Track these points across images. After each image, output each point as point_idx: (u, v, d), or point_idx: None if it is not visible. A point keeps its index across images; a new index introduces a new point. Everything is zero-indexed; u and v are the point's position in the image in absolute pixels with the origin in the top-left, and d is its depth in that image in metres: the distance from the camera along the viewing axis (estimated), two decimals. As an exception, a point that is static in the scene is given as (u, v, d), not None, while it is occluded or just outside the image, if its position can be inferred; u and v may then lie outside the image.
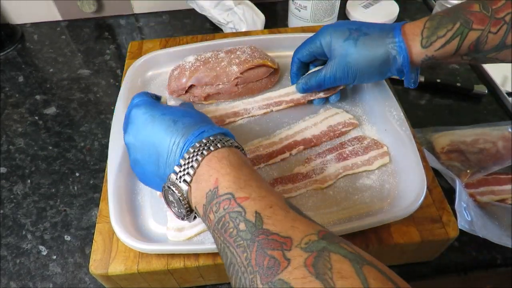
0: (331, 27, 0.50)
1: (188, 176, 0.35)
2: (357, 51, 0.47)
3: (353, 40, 0.47)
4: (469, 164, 0.58)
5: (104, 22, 0.90)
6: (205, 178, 0.34)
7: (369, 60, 0.47)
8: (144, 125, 0.38)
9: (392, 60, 0.46)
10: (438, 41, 0.44)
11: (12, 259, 0.53)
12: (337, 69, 0.49)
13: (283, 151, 0.51)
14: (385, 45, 0.46)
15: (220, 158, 0.35)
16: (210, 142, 0.35)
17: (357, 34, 0.47)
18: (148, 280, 0.45)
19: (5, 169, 0.63)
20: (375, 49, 0.46)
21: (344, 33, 0.48)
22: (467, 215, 0.51)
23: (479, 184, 0.57)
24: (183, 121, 0.38)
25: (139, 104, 0.40)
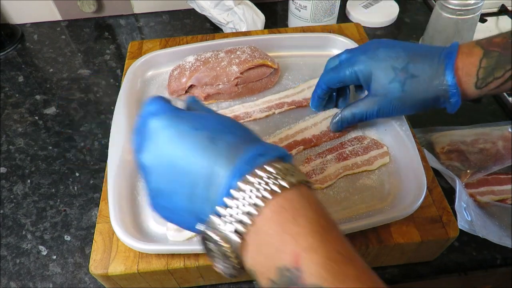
0: (371, 59, 0.45)
1: (241, 225, 0.25)
2: (404, 95, 0.43)
3: (399, 83, 0.43)
4: (469, 164, 0.58)
5: (104, 22, 0.90)
6: (275, 242, 0.24)
7: (416, 102, 0.44)
8: (169, 144, 0.28)
9: (442, 101, 0.43)
10: (494, 82, 0.41)
11: (12, 259, 0.53)
12: (380, 109, 0.45)
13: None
14: (436, 89, 0.42)
15: (295, 210, 0.25)
16: (273, 176, 0.26)
17: (404, 77, 0.43)
18: (148, 280, 0.45)
19: (5, 169, 0.63)
20: (424, 94, 0.43)
21: (388, 72, 0.43)
22: (467, 215, 0.51)
23: (479, 184, 0.57)
24: (225, 139, 0.28)
25: (158, 113, 0.30)
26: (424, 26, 0.79)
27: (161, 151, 0.29)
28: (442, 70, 0.42)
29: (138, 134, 0.31)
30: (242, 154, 0.27)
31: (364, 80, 0.46)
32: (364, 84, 0.46)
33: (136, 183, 0.49)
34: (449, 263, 0.51)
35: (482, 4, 0.69)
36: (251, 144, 0.28)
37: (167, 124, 0.29)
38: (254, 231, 0.25)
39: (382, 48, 0.45)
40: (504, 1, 0.89)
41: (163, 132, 0.29)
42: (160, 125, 0.29)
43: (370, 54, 0.45)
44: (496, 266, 0.52)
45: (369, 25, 0.85)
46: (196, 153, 0.27)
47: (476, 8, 0.69)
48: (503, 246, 0.50)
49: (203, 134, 0.28)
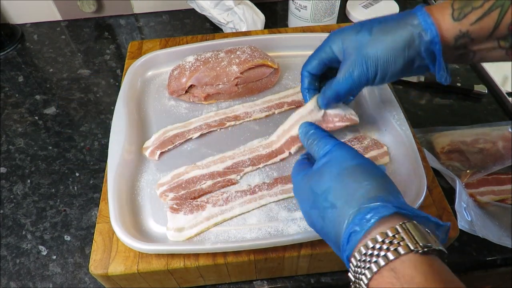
0: (340, 30, 0.43)
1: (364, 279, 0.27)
2: (373, 39, 0.39)
3: (367, 30, 0.40)
4: (469, 164, 0.58)
5: (104, 22, 0.90)
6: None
7: (389, 46, 0.39)
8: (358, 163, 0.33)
9: (418, 40, 0.38)
10: (473, 12, 0.36)
11: (12, 259, 0.53)
12: (354, 67, 0.41)
13: (282, 150, 0.51)
14: (406, 26, 0.38)
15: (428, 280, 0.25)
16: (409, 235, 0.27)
17: (371, 25, 0.40)
18: (148, 280, 0.45)
19: (5, 169, 0.63)
20: (394, 32, 0.38)
21: (356, 29, 0.41)
22: (467, 215, 0.51)
23: (479, 184, 0.57)
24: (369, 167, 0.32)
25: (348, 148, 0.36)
26: (424, 26, 0.79)
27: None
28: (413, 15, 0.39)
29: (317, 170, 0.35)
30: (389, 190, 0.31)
31: (338, 49, 0.43)
32: (340, 56, 0.43)
33: (136, 183, 0.49)
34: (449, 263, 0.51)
35: (482, 4, 0.69)
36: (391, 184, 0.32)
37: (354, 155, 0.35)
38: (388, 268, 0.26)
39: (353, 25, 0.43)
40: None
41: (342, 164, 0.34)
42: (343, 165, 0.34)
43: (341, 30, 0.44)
44: (496, 266, 0.52)
45: (369, 25, 0.85)
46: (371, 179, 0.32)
47: (476, 8, 0.69)
48: (503, 246, 0.50)
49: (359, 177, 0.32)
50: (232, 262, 0.43)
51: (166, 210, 0.46)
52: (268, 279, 0.49)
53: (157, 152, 0.51)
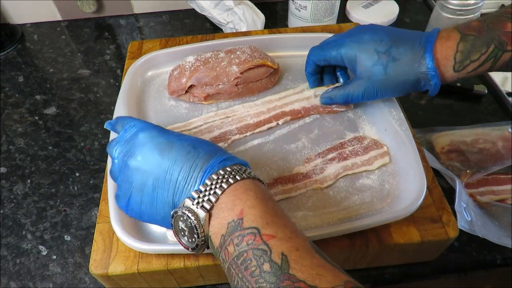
0: (356, 43, 0.47)
1: (208, 203, 0.32)
2: (387, 78, 0.46)
3: (382, 66, 0.45)
4: (469, 164, 0.58)
5: (104, 22, 0.90)
6: (229, 207, 0.32)
7: (399, 84, 0.46)
8: (160, 150, 0.35)
9: (422, 84, 0.46)
10: (471, 65, 0.43)
11: (12, 259, 0.53)
12: (365, 91, 0.48)
13: (270, 120, 0.54)
14: (416, 72, 0.45)
15: (246, 189, 0.33)
16: (236, 171, 0.34)
17: (386, 59, 0.45)
18: (148, 280, 0.45)
19: (5, 169, 0.63)
20: (405, 76, 0.45)
21: (372, 56, 0.46)
22: (467, 215, 0.51)
23: (479, 184, 0.57)
24: (203, 147, 0.36)
25: (148, 128, 0.37)
26: (424, 26, 0.79)
27: (151, 155, 0.36)
28: (422, 53, 0.44)
29: (123, 144, 0.37)
30: (214, 157, 0.35)
31: (349, 62, 0.48)
32: (349, 66, 0.49)
33: (136, 183, 0.49)
34: (449, 263, 0.51)
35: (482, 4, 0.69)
36: (221, 152, 0.36)
37: (157, 135, 0.37)
38: (216, 206, 0.33)
39: (367, 32, 0.47)
40: (504, 1, 0.89)
41: (154, 141, 0.36)
42: (150, 136, 0.37)
43: (356, 37, 0.48)
44: (496, 266, 0.52)
45: (369, 25, 0.85)
46: (182, 156, 0.35)
47: (476, 8, 0.69)
48: (503, 246, 0.50)
49: (188, 143, 0.36)
50: (232, 262, 0.43)
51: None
52: (268, 279, 0.49)
53: None
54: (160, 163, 0.35)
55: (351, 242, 0.44)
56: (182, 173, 0.34)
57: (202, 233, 0.33)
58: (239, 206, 0.32)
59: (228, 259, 0.31)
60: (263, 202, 0.32)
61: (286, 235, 0.30)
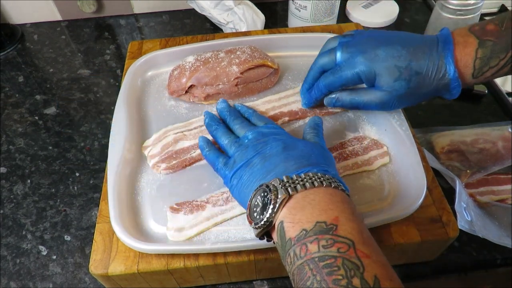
0: (373, 61, 0.45)
1: (293, 189, 0.33)
2: (409, 91, 0.45)
3: (405, 81, 0.44)
4: (469, 164, 0.58)
5: (104, 22, 0.90)
6: (322, 206, 0.32)
7: (420, 96, 0.46)
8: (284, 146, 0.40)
9: (443, 92, 0.45)
10: (489, 71, 0.43)
11: (12, 259, 0.53)
12: (382, 102, 0.47)
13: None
14: (438, 83, 0.44)
15: (343, 200, 0.33)
16: (335, 182, 0.35)
17: (408, 74, 0.44)
18: (148, 280, 0.45)
19: (5, 169, 0.63)
20: (428, 88, 0.44)
21: (393, 72, 0.44)
22: (467, 215, 0.51)
23: (479, 184, 0.57)
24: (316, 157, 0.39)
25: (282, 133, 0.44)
26: (424, 26, 0.79)
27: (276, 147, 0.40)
28: (442, 64, 0.43)
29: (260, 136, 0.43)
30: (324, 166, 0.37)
31: (367, 80, 0.46)
32: (367, 83, 0.47)
33: (136, 183, 0.49)
34: (449, 263, 0.51)
35: (482, 4, 0.69)
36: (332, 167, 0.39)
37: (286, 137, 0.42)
38: (302, 196, 0.33)
39: (381, 47, 0.45)
40: (504, 1, 0.89)
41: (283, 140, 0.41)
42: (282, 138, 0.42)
43: (370, 55, 0.45)
44: (496, 266, 0.52)
45: (369, 25, 0.85)
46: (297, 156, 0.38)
47: (476, 8, 0.69)
48: (503, 246, 0.50)
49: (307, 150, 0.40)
50: (232, 262, 0.43)
51: (166, 210, 0.46)
52: (268, 279, 0.49)
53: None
54: (278, 153, 0.39)
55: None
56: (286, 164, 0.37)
57: (273, 213, 0.33)
58: (335, 212, 0.32)
59: (304, 255, 0.30)
60: (359, 220, 0.32)
61: (380, 261, 0.30)
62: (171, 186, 0.49)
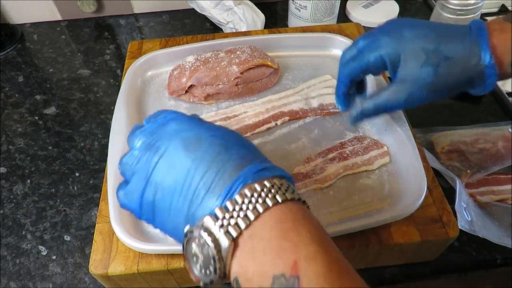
0: (398, 41, 0.39)
1: (236, 228, 0.25)
2: (437, 80, 0.39)
3: (432, 67, 0.38)
4: (469, 164, 0.58)
5: (104, 22, 0.90)
6: (273, 248, 0.24)
7: (449, 86, 0.39)
8: (186, 145, 0.29)
9: (475, 84, 0.39)
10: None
11: (12, 259, 0.53)
12: (409, 96, 0.40)
13: (268, 120, 0.55)
14: (471, 71, 0.38)
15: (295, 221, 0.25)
16: (277, 188, 0.26)
17: (437, 59, 0.38)
18: (148, 280, 0.45)
19: (5, 169, 0.63)
20: (458, 76, 0.38)
21: (419, 55, 0.39)
22: (467, 215, 0.51)
23: (479, 184, 0.57)
24: (238, 149, 0.29)
25: (178, 120, 0.31)
26: (424, 26, 0.79)
27: (174, 151, 0.29)
28: (476, 50, 0.38)
29: (148, 135, 0.31)
30: (250, 165, 0.28)
31: (392, 65, 0.40)
32: (391, 69, 0.41)
33: (136, 183, 0.49)
34: (449, 263, 0.51)
35: (482, 4, 0.69)
36: (258, 159, 0.29)
37: (187, 129, 0.30)
38: (248, 236, 0.25)
39: (407, 28, 0.40)
40: (504, 1, 0.89)
41: (181, 134, 0.30)
42: (179, 129, 0.30)
43: (395, 35, 0.40)
44: (496, 266, 0.52)
45: (369, 25, 0.85)
46: (209, 156, 0.28)
47: (476, 8, 0.69)
48: (503, 246, 0.50)
49: (220, 142, 0.29)
50: (232, 262, 0.43)
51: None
52: (268, 279, 0.49)
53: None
54: (182, 162, 0.28)
55: (351, 242, 0.43)
56: (205, 178, 0.27)
57: (222, 268, 0.25)
58: (290, 254, 0.24)
59: None
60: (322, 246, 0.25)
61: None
62: (171, 186, 0.49)
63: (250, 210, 0.25)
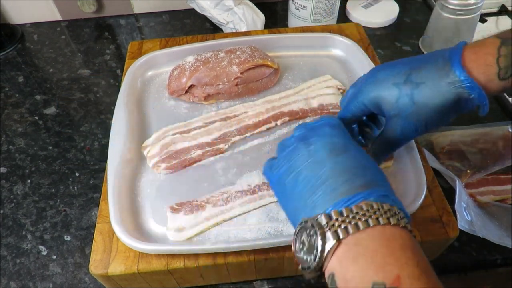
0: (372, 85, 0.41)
1: (343, 231, 0.28)
2: (417, 108, 0.39)
3: (407, 97, 0.39)
4: (469, 164, 0.58)
5: (104, 22, 0.90)
6: (374, 259, 0.27)
7: (435, 111, 0.39)
8: (331, 149, 0.34)
9: (464, 103, 0.39)
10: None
11: (12, 259, 0.53)
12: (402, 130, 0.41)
13: (268, 120, 0.55)
14: (449, 91, 0.38)
15: (403, 245, 0.28)
16: (391, 213, 0.29)
17: (410, 88, 0.39)
18: (148, 280, 0.45)
19: (5, 169, 0.63)
20: (438, 99, 0.38)
21: (392, 91, 0.40)
22: (467, 215, 0.51)
23: (479, 184, 0.57)
24: (372, 170, 0.32)
25: (335, 126, 0.36)
26: (424, 26, 0.79)
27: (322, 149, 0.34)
28: (449, 68, 0.38)
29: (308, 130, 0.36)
30: (377, 188, 0.31)
31: (375, 107, 0.42)
32: (377, 111, 0.43)
33: (136, 183, 0.49)
34: (449, 263, 0.51)
35: (482, 4, 0.69)
36: (384, 186, 0.32)
37: (338, 134, 0.35)
38: (353, 243, 0.28)
39: (381, 71, 0.42)
40: (504, 1, 0.89)
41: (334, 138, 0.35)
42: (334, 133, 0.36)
43: (370, 79, 0.42)
44: (496, 266, 0.52)
45: (369, 25, 0.85)
46: (346, 164, 0.32)
47: (476, 8, 0.69)
48: (503, 246, 0.50)
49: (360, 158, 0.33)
50: (232, 262, 0.43)
51: (166, 210, 0.46)
52: (268, 279, 0.49)
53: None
54: (324, 160, 0.33)
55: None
56: (335, 181, 0.31)
57: (322, 259, 0.28)
58: (395, 268, 0.26)
59: None
60: (426, 273, 0.27)
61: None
62: (171, 186, 0.49)
63: (361, 221, 0.28)
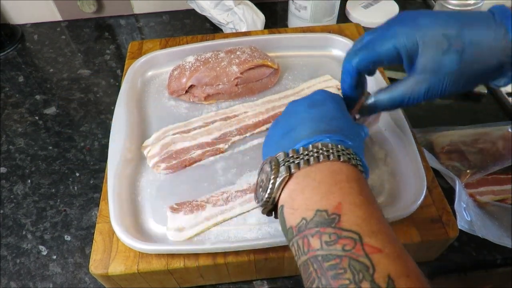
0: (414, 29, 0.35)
1: (295, 166, 0.30)
2: (462, 68, 0.34)
3: (456, 54, 0.34)
4: (469, 164, 0.58)
5: (104, 22, 0.90)
6: (322, 190, 0.29)
7: (475, 75, 0.35)
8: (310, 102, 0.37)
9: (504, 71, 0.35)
10: None
11: (12, 259, 0.53)
12: (429, 88, 0.36)
13: (268, 120, 0.55)
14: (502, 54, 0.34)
15: (349, 177, 0.29)
16: (344, 153, 0.31)
17: (462, 44, 0.34)
18: (148, 280, 0.45)
19: (5, 169, 0.63)
20: (486, 63, 0.34)
21: (440, 42, 0.34)
22: (467, 215, 0.51)
23: (479, 184, 0.57)
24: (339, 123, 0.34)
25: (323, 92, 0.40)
26: (424, 26, 0.79)
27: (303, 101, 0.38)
28: (503, 32, 0.34)
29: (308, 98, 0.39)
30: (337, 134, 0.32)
31: (408, 55, 0.36)
32: (408, 61, 0.36)
33: (136, 183, 0.49)
34: (449, 263, 0.51)
35: (482, 4, 0.69)
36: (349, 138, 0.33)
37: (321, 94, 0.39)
38: (303, 175, 0.30)
39: (423, 16, 0.36)
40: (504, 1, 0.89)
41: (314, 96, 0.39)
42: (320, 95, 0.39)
43: (410, 23, 0.36)
44: (496, 266, 0.52)
45: (369, 25, 0.85)
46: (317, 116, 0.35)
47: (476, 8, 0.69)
48: (503, 246, 0.50)
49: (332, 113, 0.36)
50: (232, 262, 0.43)
51: (166, 210, 0.46)
52: (268, 279, 0.49)
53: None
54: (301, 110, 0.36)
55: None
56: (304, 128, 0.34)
57: (274, 191, 0.31)
58: (338, 196, 0.28)
59: (307, 251, 0.27)
60: (368, 202, 0.28)
61: (395, 252, 0.25)
62: (171, 186, 0.49)
63: (313, 157, 0.30)
